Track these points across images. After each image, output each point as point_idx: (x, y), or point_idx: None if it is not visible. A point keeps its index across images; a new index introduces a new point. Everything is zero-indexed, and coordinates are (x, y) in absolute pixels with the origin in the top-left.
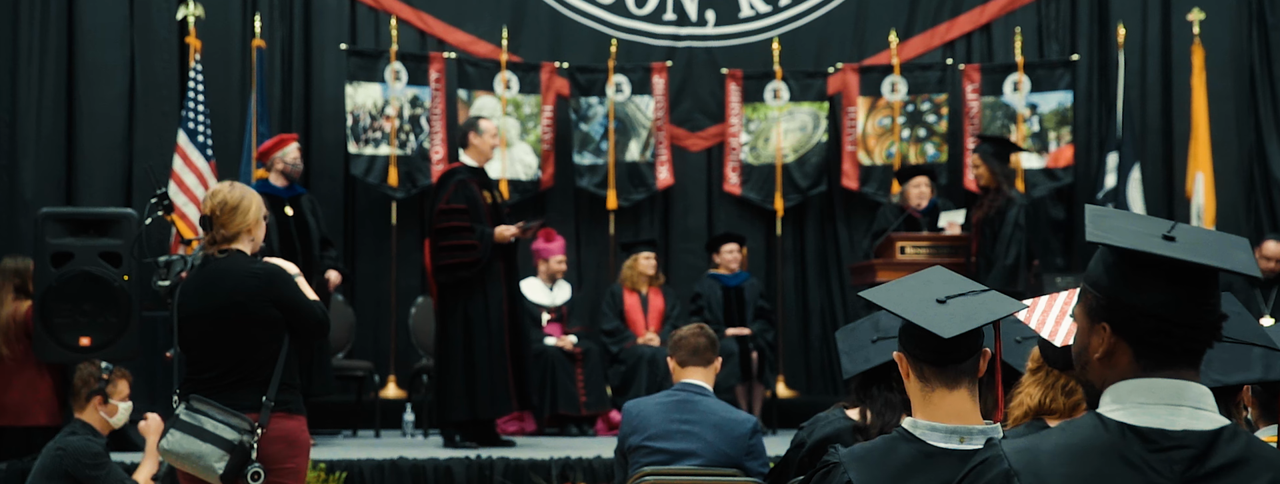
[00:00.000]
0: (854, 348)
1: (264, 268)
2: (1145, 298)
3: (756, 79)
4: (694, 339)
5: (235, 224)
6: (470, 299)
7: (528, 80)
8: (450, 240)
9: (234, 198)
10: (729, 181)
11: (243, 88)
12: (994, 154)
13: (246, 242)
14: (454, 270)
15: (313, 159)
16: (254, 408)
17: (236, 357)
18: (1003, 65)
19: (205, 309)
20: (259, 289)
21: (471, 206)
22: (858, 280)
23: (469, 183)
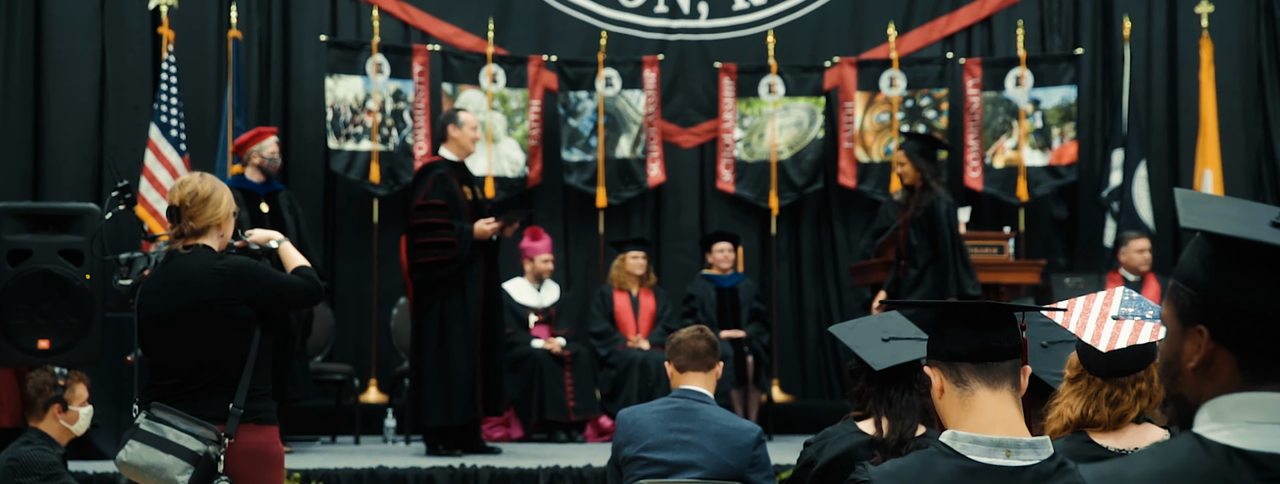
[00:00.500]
0: (866, 343)
1: (229, 263)
2: (1252, 296)
3: (751, 73)
4: (694, 342)
5: (205, 217)
6: (447, 299)
7: (515, 74)
8: (427, 237)
9: (205, 188)
10: (722, 179)
11: (218, 81)
12: (919, 151)
13: (215, 237)
14: (431, 269)
15: (291, 155)
16: (221, 417)
17: (202, 361)
18: (1004, 59)
19: (168, 310)
20: (225, 287)
21: (451, 203)
22: (858, 280)
23: (448, 178)
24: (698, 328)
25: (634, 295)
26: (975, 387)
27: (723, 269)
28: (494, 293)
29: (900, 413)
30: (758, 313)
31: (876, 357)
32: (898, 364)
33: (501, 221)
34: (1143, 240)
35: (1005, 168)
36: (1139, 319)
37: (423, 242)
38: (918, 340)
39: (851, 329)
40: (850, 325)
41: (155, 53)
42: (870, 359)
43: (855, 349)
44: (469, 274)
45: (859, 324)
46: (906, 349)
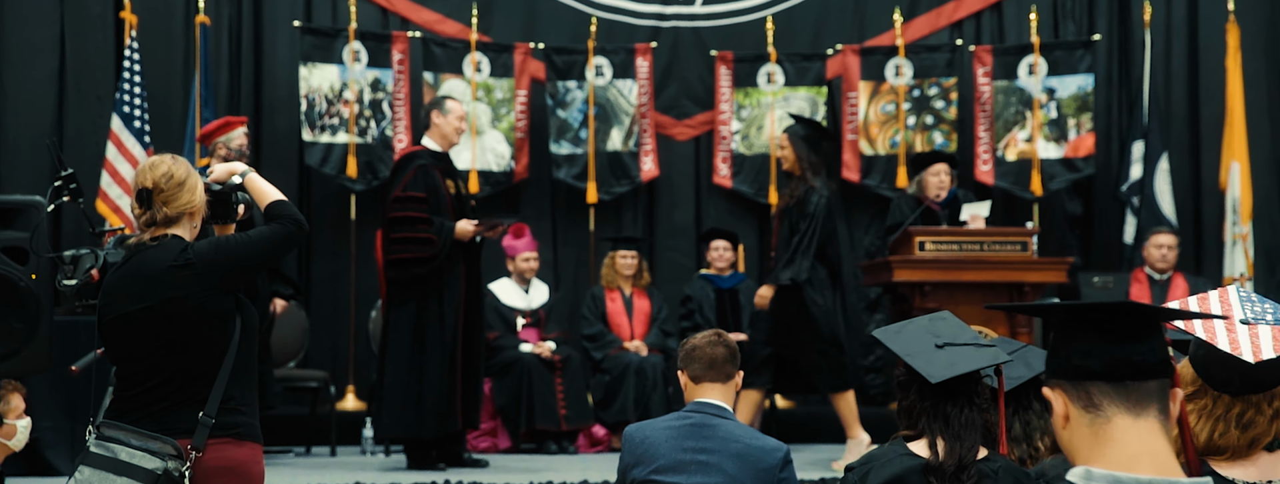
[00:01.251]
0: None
1: (196, 251)
2: None
3: (749, 62)
4: (711, 350)
5: (179, 203)
6: (423, 301)
7: (500, 62)
8: (404, 232)
9: (180, 171)
10: (719, 173)
11: (185, 69)
12: (804, 138)
13: (186, 227)
14: (407, 266)
15: (263, 147)
16: (191, 430)
17: (174, 368)
18: (1017, 47)
19: (134, 312)
20: (197, 278)
21: (432, 196)
22: (871, 280)
23: (430, 169)
24: (714, 333)
25: (627, 296)
26: (1111, 412)
27: (721, 269)
28: (476, 297)
29: (959, 432)
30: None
31: (931, 367)
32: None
33: (484, 225)
34: (1167, 236)
35: (1018, 161)
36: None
37: (399, 236)
38: (976, 347)
39: (898, 334)
40: (896, 329)
41: (118, 39)
42: (925, 370)
43: (906, 358)
44: (449, 275)
45: (907, 328)
46: (965, 358)
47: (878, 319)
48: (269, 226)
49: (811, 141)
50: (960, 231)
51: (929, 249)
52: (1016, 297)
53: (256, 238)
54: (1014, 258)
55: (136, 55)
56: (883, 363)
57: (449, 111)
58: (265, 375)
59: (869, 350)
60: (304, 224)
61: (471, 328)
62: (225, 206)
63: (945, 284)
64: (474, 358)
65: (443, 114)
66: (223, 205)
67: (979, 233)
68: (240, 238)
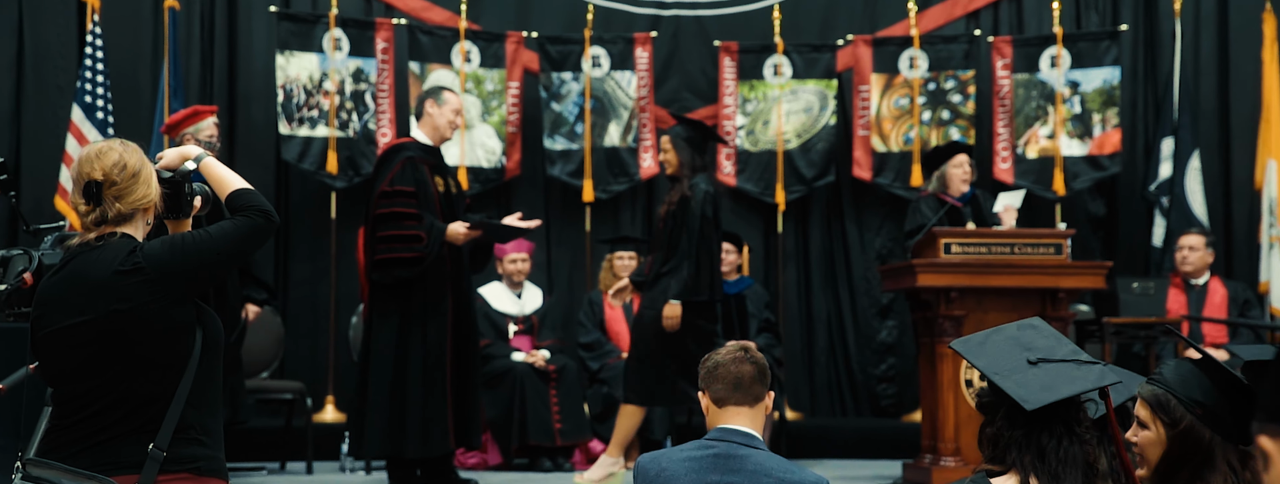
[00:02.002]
0: (1007, 367)
1: (147, 253)
2: None
3: (754, 53)
4: (735, 367)
5: (134, 197)
6: (408, 307)
7: (490, 52)
8: (390, 230)
9: (134, 160)
10: (722, 171)
11: (153, 57)
12: (687, 140)
13: (140, 224)
14: (391, 268)
15: (237, 141)
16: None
17: (119, 390)
18: (1038, 37)
19: (74, 326)
20: (150, 286)
21: (421, 191)
22: (892, 284)
23: (419, 163)
24: (739, 347)
25: (627, 302)
26: None
27: (724, 273)
28: (467, 302)
29: (1056, 469)
30: (768, 323)
31: (1026, 389)
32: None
33: (487, 230)
34: (1192, 237)
35: (1039, 158)
36: None
37: (384, 234)
38: (1077, 364)
39: (982, 346)
40: (979, 340)
41: (80, 24)
42: (1017, 393)
43: (992, 376)
44: (437, 279)
45: (992, 339)
46: (1064, 378)
47: (889, 326)
48: (232, 220)
49: (695, 144)
50: (989, 233)
51: (955, 252)
52: (1050, 303)
53: (218, 235)
54: (1048, 262)
55: (99, 41)
56: (895, 372)
57: (445, 103)
58: (236, 387)
59: (881, 359)
60: (273, 216)
61: (463, 339)
62: (178, 198)
63: (973, 290)
64: (466, 372)
65: (438, 104)
66: (175, 197)
67: (1010, 234)
68: (198, 235)
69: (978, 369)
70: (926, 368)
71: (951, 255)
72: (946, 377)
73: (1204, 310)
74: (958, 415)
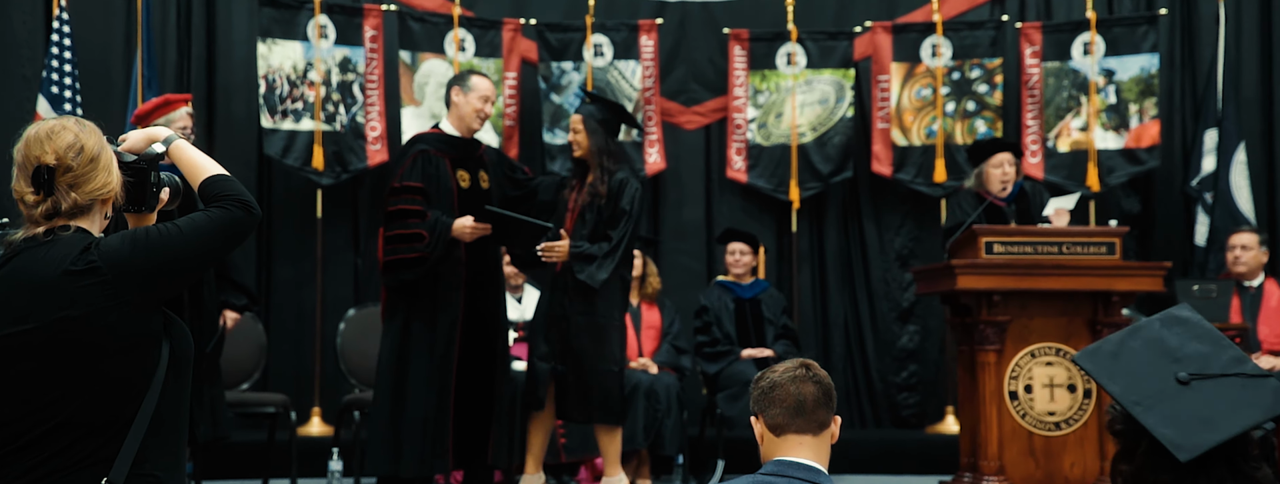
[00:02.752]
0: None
1: (104, 250)
2: None
3: (766, 41)
4: (797, 387)
5: (93, 185)
6: (411, 310)
7: (486, 40)
8: (395, 229)
9: (92, 143)
10: (733, 167)
11: (126, 45)
12: (602, 122)
13: (98, 217)
14: (395, 270)
15: (217, 135)
16: None
17: (65, 416)
18: (1070, 23)
19: (14, 336)
20: (105, 289)
21: (431, 186)
22: (928, 287)
23: (435, 157)
24: (800, 364)
25: (634, 307)
26: None
27: (739, 275)
28: (484, 308)
29: None
30: (787, 330)
31: (1178, 429)
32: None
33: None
34: (1243, 235)
35: (1072, 152)
36: None
37: (390, 234)
38: (1242, 380)
39: (1115, 360)
40: (1110, 351)
41: (48, 10)
42: (1169, 437)
43: (1131, 407)
44: (445, 283)
45: (1127, 345)
46: (1228, 404)
47: (911, 331)
48: (206, 213)
49: (610, 127)
50: (1035, 231)
51: (998, 252)
52: (1102, 307)
53: (189, 229)
54: (1100, 262)
55: (67, 28)
56: (917, 380)
57: (471, 89)
58: (215, 400)
59: (902, 366)
60: (254, 207)
61: (480, 346)
62: (142, 188)
63: (1018, 293)
64: (482, 381)
65: (464, 91)
66: (140, 187)
67: (1057, 233)
68: (166, 230)
69: (1112, 396)
70: (966, 378)
71: (994, 255)
72: (989, 388)
73: (1260, 315)
74: (1002, 431)
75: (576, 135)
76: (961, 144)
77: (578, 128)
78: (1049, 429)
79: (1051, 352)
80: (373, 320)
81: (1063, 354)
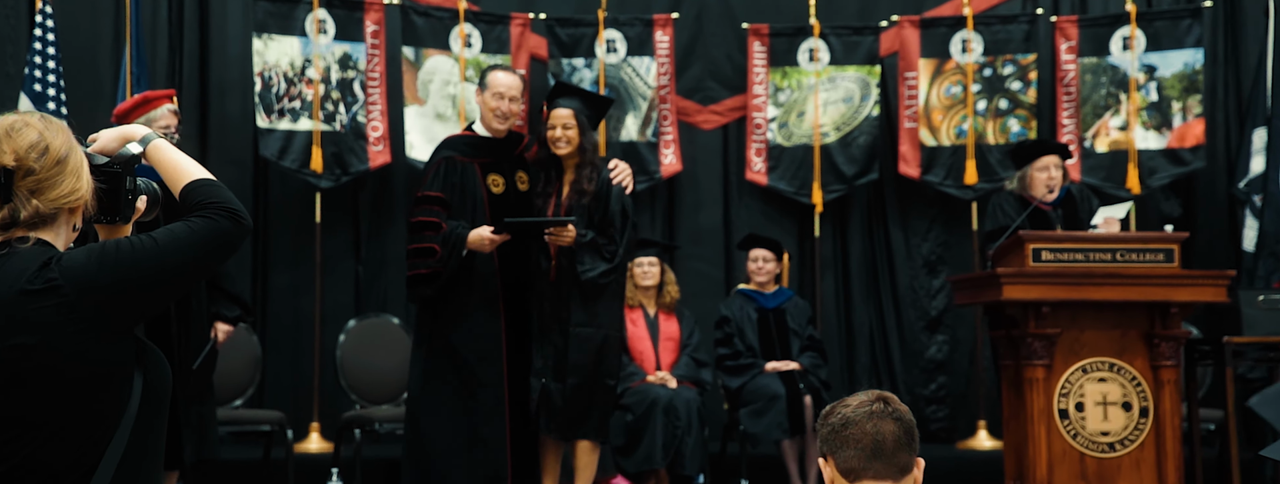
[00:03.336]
0: None
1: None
2: None
3: (787, 36)
4: (874, 425)
5: (59, 191)
6: (433, 331)
7: (493, 36)
8: (413, 242)
9: (59, 142)
10: (752, 168)
11: (114, 41)
12: (591, 118)
13: (64, 228)
14: (414, 285)
15: (210, 136)
16: None
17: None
18: (1108, 17)
19: None
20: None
21: (454, 196)
22: (969, 297)
23: (461, 162)
24: (876, 398)
25: (651, 316)
26: None
27: (762, 283)
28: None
29: None
30: (812, 341)
31: None
32: None
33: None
34: None
35: (1110, 153)
36: None
37: (408, 247)
38: None
39: None
40: None
41: (31, 3)
42: None
43: None
44: (475, 296)
45: None
46: None
47: (939, 341)
48: (186, 223)
49: (594, 121)
50: (1086, 237)
51: (1047, 258)
52: (1159, 320)
53: (167, 242)
54: (1158, 271)
55: (50, 22)
56: (946, 393)
57: (487, 87)
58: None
59: (930, 378)
60: (244, 216)
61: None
62: (116, 195)
63: (1068, 304)
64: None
65: (480, 90)
66: (113, 194)
67: (1111, 239)
68: (140, 243)
69: None
70: (1011, 395)
71: (1042, 264)
72: (1036, 405)
73: None
74: (1051, 452)
75: (567, 131)
76: (994, 144)
77: (570, 123)
78: (1102, 450)
79: (1104, 367)
80: (375, 331)
81: (1117, 370)
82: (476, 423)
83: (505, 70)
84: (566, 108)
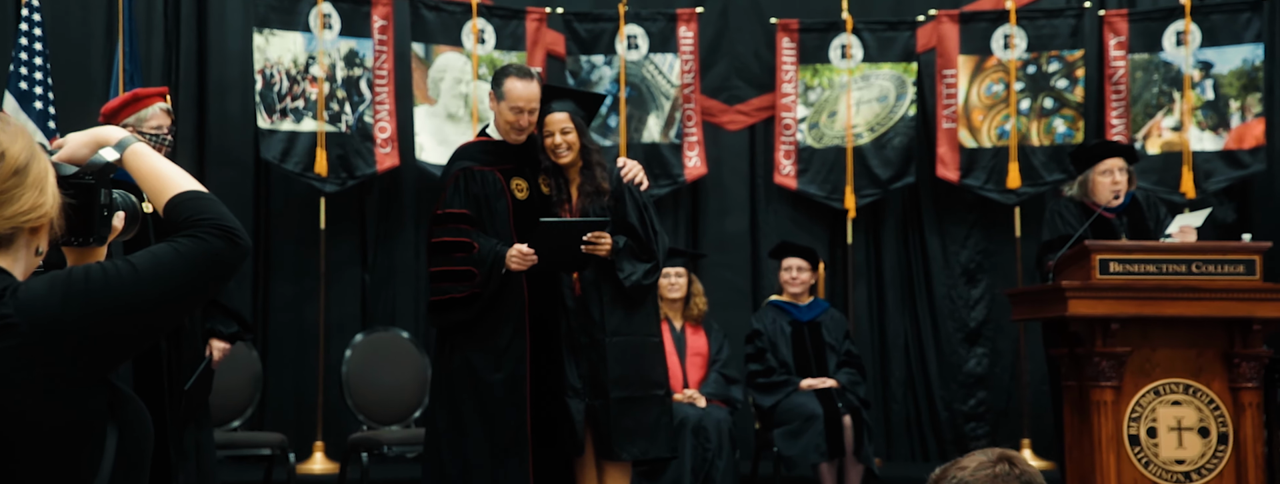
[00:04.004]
0: None
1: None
2: None
3: (818, 32)
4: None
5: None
6: (457, 347)
7: (508, 32)
8: (440, 264)
9: (20, 150)
10: (781, 172)
11: (107, 37)
12: (585, 117)
13: (24, 253)
14: (446, 311)
15: (208, 137)
16: None
17: None
18: (1161, 10)
19: None
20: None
21: (479, 210)
22: (1028, 312)
23: (480, 172)
24: (1000, 458)
25: (677, 330)
26: None
27: (796, 295)
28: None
29: None
30: (850, 357)
31: None
32: None
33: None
34: None
35: (1163, 154)
36: None
37: (435, 271)
38: None
39: None
40: None
41: None
42: None
43: None
44: (494, 312)
45: None
46: None
47: (979, 354)
48: (171, 244)
49: (589, 121)
50: (1158, 247)
51: (1115, 272)
52: (1239, 337)
53: (146, 269)
54: (1237, 284)
55: (37, 16)
56: (986, 408)
57: (504, 97)
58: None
59: (969, 393)
60: (239, 236)
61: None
62: (88, 212)
63: (1139, 320)
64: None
65: (496, 99)
66: (85, 210)
67: (1186, 249)
68: (113, 271)
69: None
70: (1074, 419)
71: (1110, 276)
72: (1104, 431)
73: None
74: (1121, 481)
75: (567, 137)
76: (1038, 146)
77: (568, 128)
78: (1177, 480)
79: (1179, 389)
80: (383, 346)
81: (1193, 392)
82: (501, 446)
83: (522, 77)
84: (561, 112)
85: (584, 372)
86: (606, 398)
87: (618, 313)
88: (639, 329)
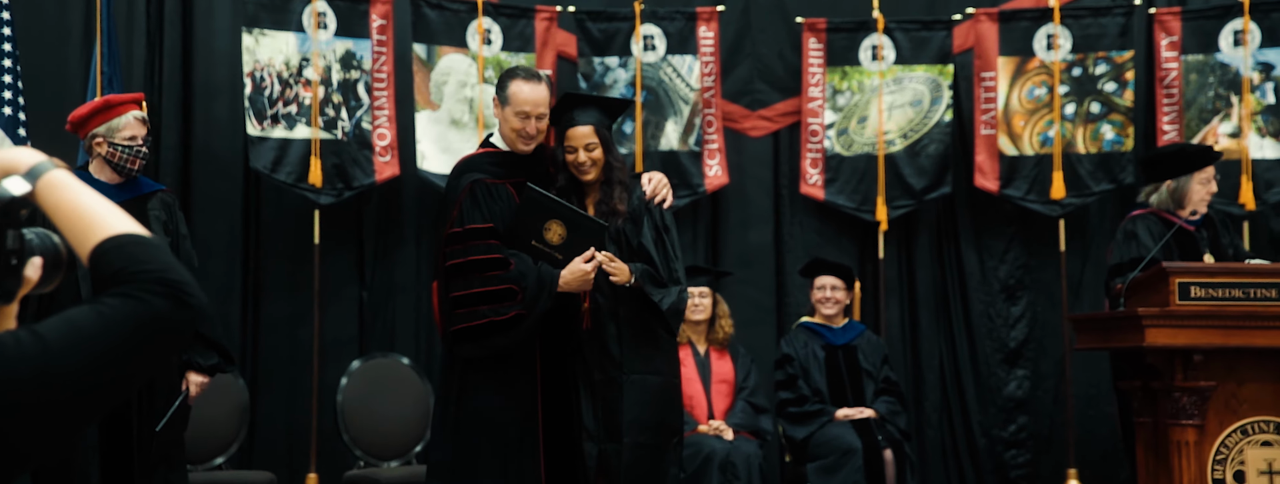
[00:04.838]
0: None
1: None
2: None
3: (847, 32)
4: None
5: None
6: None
7: (515, 32)
8: (472, 286)
9: None
10: (807, 181)
11: (84, 37)
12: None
13: None
14: (484, 338)
15: (194, 146)
16: None
17: None
18: (1217, 8)
19: None
20: None
21: (503, 224)
22: (1097, 342)
23: (492, 185)
24: None
25: (701, 354)
26: None
27: (829, 316)
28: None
29: None
30: (889, 383)
31: None
32: None
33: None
34: None
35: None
36: None
37: (462, 294)
38: None
39: None
40: None
41: None
42: None
43: None
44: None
45: None
46: None
47: (1019, 376)
48: (95, 306)
49: (613, 130)
50: (1245, 270)
51: (1197, 297)
52: None
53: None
54: None
55: (7, 14)
56: (1027, 435)
57: (508, 102)
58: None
59: (1009, 418)
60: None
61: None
62: None
63: (1225, 352)
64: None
65: (500, 104)
66: None
67: (1277, 273)
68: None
69: None
70: (1150, 459)
71: (1192, 302)
72: (1187, 474)
73: None
74: None
75: (592, 153)
76: (1084, 153)
77: (593, 143)
78: None
79: (1270, 428)
80: (382, 373)
81: None
82: None
83: (528, 79)
84: (585, 125)
85: (599, 413)
86: (620, 442)
87: (636, 349)
88: (660, 368)
